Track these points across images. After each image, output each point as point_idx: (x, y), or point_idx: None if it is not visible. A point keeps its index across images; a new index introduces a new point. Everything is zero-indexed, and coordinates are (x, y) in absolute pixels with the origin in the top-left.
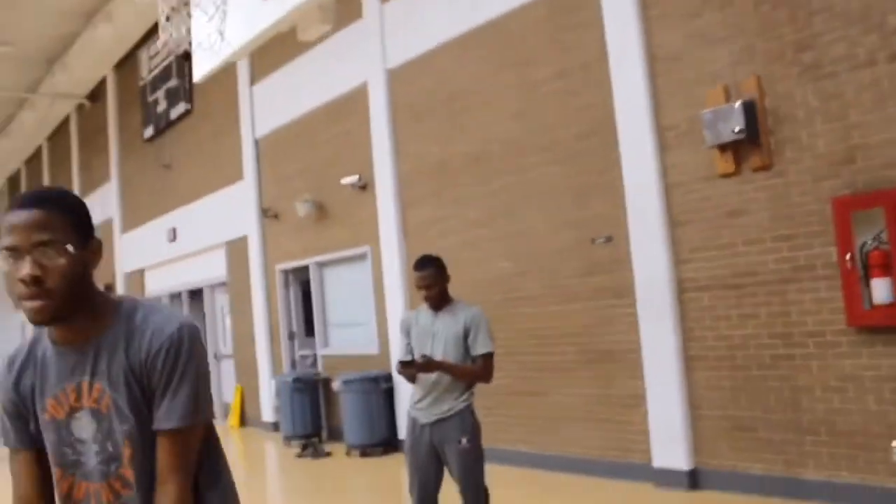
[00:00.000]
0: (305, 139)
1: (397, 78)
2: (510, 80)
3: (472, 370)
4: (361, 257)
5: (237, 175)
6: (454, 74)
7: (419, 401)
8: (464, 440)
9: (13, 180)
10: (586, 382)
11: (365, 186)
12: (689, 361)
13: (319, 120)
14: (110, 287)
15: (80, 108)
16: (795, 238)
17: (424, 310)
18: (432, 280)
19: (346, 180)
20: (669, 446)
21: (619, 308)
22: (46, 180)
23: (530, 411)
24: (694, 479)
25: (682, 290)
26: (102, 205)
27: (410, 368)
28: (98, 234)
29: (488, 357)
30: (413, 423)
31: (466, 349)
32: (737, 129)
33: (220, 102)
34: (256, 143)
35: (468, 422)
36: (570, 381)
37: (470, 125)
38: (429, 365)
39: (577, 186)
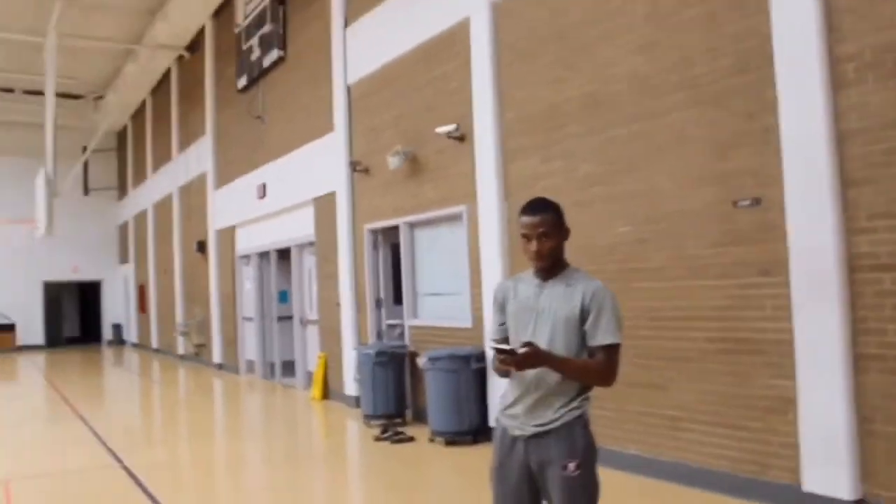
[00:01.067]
0: (399, 85)
1: (502, 11)
2: (638, 4)
3: (591, 367)
4: (456, 218)
5: (328, 126)
6: (569, 3)
7: (512, 404)
8: (571, 465)
9: (121, 135)
10: (718, 377)
11: (463, 137)
12: (860, 360)
13: (415, 63)
14: (203, 245)
15: (180, 59)
16: None
17: (528, 278)
18: (548, 229)
19: (442, 129)
20: (826, 467)
21: (765, 288)
22: (149, 135)
23: (646, 407)
24: None
25: (855, 268)
26: (198, 159)
27: (506, 358)
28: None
29: (613, 350)
30: (503, 434)
31: (582, 337)
32: None
33: (312, 47)
34: (348, 90)
35: (580, 439)
36: (697, 374)
37: (586, 63)
38: (532, 356)
39: (718, 135)
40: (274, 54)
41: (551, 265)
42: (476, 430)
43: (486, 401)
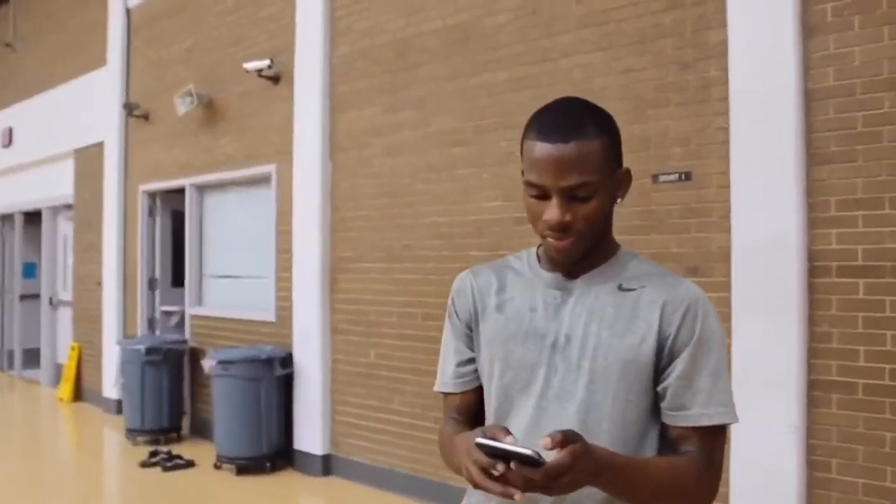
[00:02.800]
0: (197, 9)
1: None
2: None
3: (680, 472)
4: (263, 180)
5: (99, 60)
6: None
7: None
8: None
9: None
10: None
11: (278, 77)
12: (815, 388)
13: None
14: None
15: None
16: None
17: (528, 270)
18: (588, 174)
19: (251, 66)
20: None
21: None
22: None
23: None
24: None
25: (817, 270)
26: None
27: (527, 477)
28: None
29: (719, 437)
30: None
31: (655, 401)
32: None
33: None
34: (128, 13)
35: None
36: None
37: None
38: (579, 469)
39: (635, 88)
40: None
41: (586, 247)
42: (275, 454)
43: (290, 417)
